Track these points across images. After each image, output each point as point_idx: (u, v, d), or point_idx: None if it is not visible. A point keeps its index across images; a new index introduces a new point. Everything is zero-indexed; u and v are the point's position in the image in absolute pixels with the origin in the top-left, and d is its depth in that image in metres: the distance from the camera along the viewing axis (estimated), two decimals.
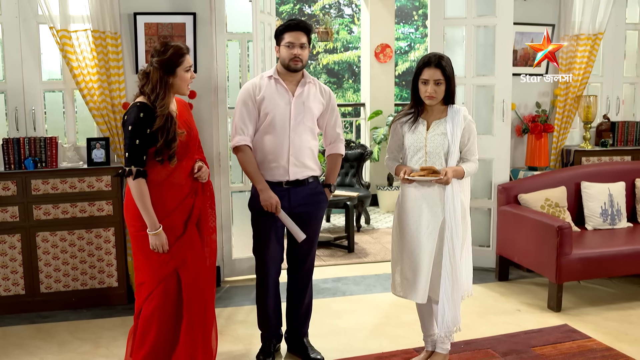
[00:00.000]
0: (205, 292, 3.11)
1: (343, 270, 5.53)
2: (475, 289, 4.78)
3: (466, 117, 3.31)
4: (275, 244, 3.51)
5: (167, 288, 3.05)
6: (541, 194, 4.88)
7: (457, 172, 3.27)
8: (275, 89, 3.41)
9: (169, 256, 3.02)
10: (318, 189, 3.54)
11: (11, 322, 4.25)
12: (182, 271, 3.04)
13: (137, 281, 3.11)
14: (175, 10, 4.66)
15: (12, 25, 4.49)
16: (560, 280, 4.31)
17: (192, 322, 3.05)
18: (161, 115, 2.90)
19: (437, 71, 3.22)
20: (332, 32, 9.44)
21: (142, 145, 2.90)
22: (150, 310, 3.05)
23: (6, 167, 4.33)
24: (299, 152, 3.41)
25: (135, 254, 3.08)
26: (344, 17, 14.33)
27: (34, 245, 4.38)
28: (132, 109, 2.94)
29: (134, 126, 2.88)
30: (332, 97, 3.58)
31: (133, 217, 3.03)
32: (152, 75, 2.95)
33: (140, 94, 3.01)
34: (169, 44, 2.99)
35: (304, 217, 3.50)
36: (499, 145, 5.21)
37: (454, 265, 3.23)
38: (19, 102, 4.54)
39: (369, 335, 4.00)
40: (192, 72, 3.06)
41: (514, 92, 5.36)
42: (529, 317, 4.27)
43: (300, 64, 3.36)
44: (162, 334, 3.05)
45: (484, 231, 5.42)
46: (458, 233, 3.24)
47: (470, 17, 5.15)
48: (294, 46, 3.34)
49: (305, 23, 3.42)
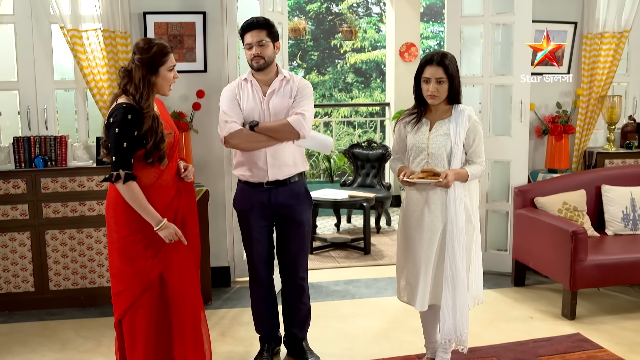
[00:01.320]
0: (192, 294, 3.03)
1: (356, 272, 5.45)
2: (489, 294, 4.70)
3: (471, 117, 3.19)
4: (260, 243, 3.46)
5: (152, 295, 2.93)
6: (559, 197, 4.72)
7: (460, 174, 3.14)
8: (249, 90, 3.37)
9: (156, 261, 2.91)
10: (301, 190, 3.46)
11: (20, 318, 4.29)
12: (167, 275, 2.93)
13: (115, 290, 2.95)
14: (185, 10, 4.65)
15: (25, 25, 4.54)
16: (575, 287, 4.16)
17: (181, 325, 2.99)
18: (149, 117, 2.81)
19: (439, 69, 3.12)
20: (356, 31, 9.35)
21: (129, 148, 2.78)
22: (136, 320, 2.91)
23: (17, 165, 4.37)
24: (276, 152, 3.34)
25: (116, 262, 2.93)
26: (371, 16, 14.21)
27: (43, 243, 4.42)
28: (117, 111, 2.80)
29: (122, 128, 2.76)
30: (302, 88, 3.38)
31: (120, 222, 2.90)
32: (135, 74, 2.83)
33: (122, 93, 2.87)
34: (153, 42, 2.88)
35: (286, 220, 3.45)
36: (516, 146, 5.06)
37: (455, 273, 3.11)
38: (31, 101, 4.59)
39: (372, 340, 3.92)
40: (175, 72, 2.95)
41: (534, 92, 5.21)
42: (541, 324, 4.13)
43: (262, 62, 3.28)
44: (150, 342, 2.94)
45: (502, 235, 5.28)
46: (460, 239, 3.11)
47: (487, 14, 5.02)
48: (252, 46, 3.27)
49: (260, 20, 3.30)
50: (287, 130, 3.27)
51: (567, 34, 5.33)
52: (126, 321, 2.93)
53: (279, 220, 3.46)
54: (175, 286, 2.96)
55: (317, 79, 14.13)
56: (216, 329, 4.11)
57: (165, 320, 2.97)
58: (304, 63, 14.37)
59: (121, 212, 2.87)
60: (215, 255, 4.88)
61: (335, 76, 14.36)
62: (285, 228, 3.47)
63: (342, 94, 14.14)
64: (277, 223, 3.49)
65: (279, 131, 3.27)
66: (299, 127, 3.26)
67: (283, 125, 3.27)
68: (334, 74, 14.38)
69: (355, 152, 7.43)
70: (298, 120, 3.26)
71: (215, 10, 4.71)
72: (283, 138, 3.29)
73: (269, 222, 3.47)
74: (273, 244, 3.56)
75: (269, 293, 3.58)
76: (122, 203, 2.87)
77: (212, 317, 4.31)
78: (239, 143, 3.30)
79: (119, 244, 2.90)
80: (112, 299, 2.96)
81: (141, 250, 2.91)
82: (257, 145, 3.30)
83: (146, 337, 2.92)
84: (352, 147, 7.60)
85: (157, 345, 2.97)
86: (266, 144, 3.30)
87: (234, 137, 3.28)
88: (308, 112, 3.31)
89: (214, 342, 3.85)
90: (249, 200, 3.41)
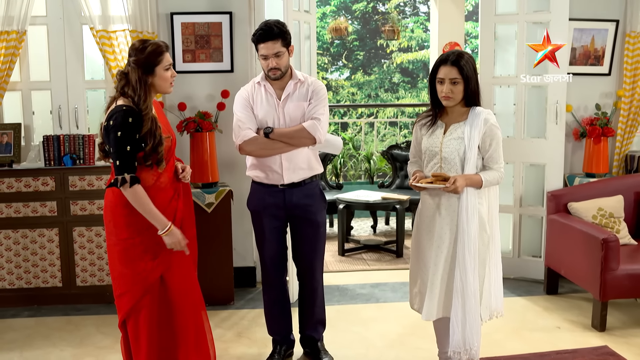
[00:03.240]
0: (193, 295, 3.02)
1: (385, 275, 5.36)
2: (518, 302, 4.55)
3: (487, 120, 3.04)
4: (273, 243, 3.44)
5: (153, 296, 2.93)
6: (594, 203, 4.52)
7: (472, 181, 2.99)
8: (263, 94, 3.33)
9: (155, 263, 2.90)
10: (315, 191, 3.42)
11: (46, 313, 4.40)
12: (168, 276, 2.92)
13: (117, 292, 2.95)
14: (212, 10, 4.67)
15: (57, 26, 4.65)
16: (605, 297, 3.97)
17: (184, 326, 2.98)
18: (147, 118, 2.79)
19: (453, 69, 3.01)
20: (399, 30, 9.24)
21: (132, 151, 2.77)
22: (139, 322, 2.92)
23: (46, 163, 4.48)
24: (291, 156, 3.30)
25: (116, 265, 2.93)
26: (419, 15, 14.02)
27: (70, 240, 4.51)
28: (117, 113, 2.78)
29: (124, 132, 2.74)
30: (317, 91, 3.33)
31: (119, 225, 2.89)
32: (131, 76, 2.82)
33: (120, 95, 2.86)
34: (147, 42, 2.86)
35: (300, 221, 3.41)
36: (552, 149, 4.88)
37: (465, 283, 2.97)
38: (62, 100, 4.70)
39: (388, 346, 3.84)
40: (172, 71, 2.92)
41: (573, 93, 5.02)
42: (568, 335, 3.96)
43: (279, 73, 3.24)
44: (153, 343, 2.94)
45: (536, 241, 5.11)
46: (471, 248, 2.97)
47: (522, 13, 4.86)
48: (268, 58, 3.21)
49: (274, 30, 3.20)
50: (302, 136, 3.23)
51: (608, 33, 5.10)
52: (130, 323, 2.94)
53: (293, 221, 3.43)
54: (176, 288, 2.95)
55: (363, 78, 14.03)
56: (234, 329, 4.11)
57: (168, 322, 2.97)
58: (349, 63, 14.29)
59: (120, 215, 2.86)
60: (240, 256, 4.88)
61: (381, 76, 14.22)
62: (299, 229, 3.43)
63: (388, 94, 13.99)
64: (292, 224, 3.45)
65: (294, 137, 3.24)
66: (314, 131, 3.22)
67: (298, 131, 3.24)
68: (380, 74, 14.25)
69: (393, 154, 7.32)
70: (313, 125, 3.23)
71: (242, 10, 4.71)
72: (299, 144, 3.26)
73: (283, 223, 3.44)
74: (287, 245, 3.53)
75: (281, 295, 3.55)
76: (121, 206, 2.85)
77: (232, 317, 4.31)
78: (254, 150, 3.28)
79: (118, 247, 2.89)
80: (115, 301, 2.97)
81: (140, 253, 2.89)
82: (273, 152, 3.27)
83: (149, 339, 2.93)
84: (390, 148, 7.49)
85: (161, 347, 2.97)
86: (281, 150, 3.27)
87: (249, 144, 3.26)
88: (323, 116, 3.28)
89: (229, 343, 3.88)
90: (262, 200, 3.40)
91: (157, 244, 2.88)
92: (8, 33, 4.43)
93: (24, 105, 4.75)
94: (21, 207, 4.44)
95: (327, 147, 3.47)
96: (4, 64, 4.45)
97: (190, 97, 4.71)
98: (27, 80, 4.74)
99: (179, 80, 4.61)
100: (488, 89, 5.02)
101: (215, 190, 4.49)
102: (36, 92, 4.77)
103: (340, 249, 6.07)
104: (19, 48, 4.49)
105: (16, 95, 4.76)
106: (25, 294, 4.52)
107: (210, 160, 4.52)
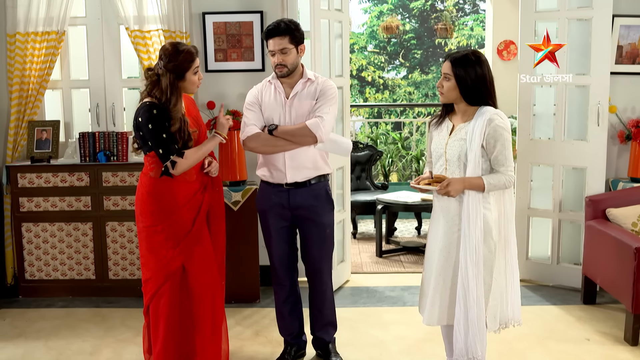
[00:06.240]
0: (213, 288, 3.15)
1: (418, 278, 5.23)
2: (551, 310, 4.38)
3: (492, 120, 2.88)
4: (280, 243, 3.43)
5: (174, 284, 3.11)
6: (635, 210, 4.28)
7: (472, 184, 2.86)
8: (272, 92, 3.33)
9: (177, 251, 3.08)
10: (321, 192, 3.38)
11: (78, 304, 4.56)
12: (189, 266, 3.10)
13: (144, 278, 3.18)
14: (243, 9, 4.70)
15: (95, 27, 4.79)
16: (638, 309, 3.75)
17: (201, 316, 3.09)
18: (177, 119, 2.97)
19: (447, 64, 2.93)
20: (452, 29, 9.05)
21: (169, 136, 2.97)
22: (159, 307, 3.12)
23: (82, 159, 4.63)
24: (295, 154, 3.28)
25: (142, 251, 3.15)
26: (479, 13, 13.69)
27: (104, 234, 4.65)
28: (142, 110, 3.00)
29: (154, 124, 2.95)
30: (325, 90, 3.28)
31: (143, 212, 3.12)
32: (162, 80, 2.98)
33: (147, 95, 3.04)
34: (180, 48, 3.00)
35: (306, 222, 3.38)
36: (593, 152, 4.65)
37: (467, 290, 2.86)
38: (100, 98, 4.85)
39: (403, 350, 3.76)
40: (199, 74, 3.09)
41: (619, 93, 4.78)
42: (596, 348, 3.77)
43: (285, 70, 3.22)
44: (171, 330, 3.11)
45: (576, 247, 4.89)
46: (473, 255, 2.84)
47: (563, 9, 4.65)
48: (274, 54, 3.21)
49: (281, 25, 3.19)
50: (304, 134, 3.20)
51: None
52: (152, 308, 3.13)
53: (299, 222, 3.42)
54: (197, 278, 3.12)
55: (420, 78, 13.83)
56: (253, 327, 4.13)
57: (188, 311, 3.13)
58: (406, 62, 14.12)
59: (146, 204, 3.08)
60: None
61: (439, 75, 13.96)
62: (305, 230, 3.42)
63: None
64: (298, 225, 3.44)
65: (296, 135, 3.22)
66: (315, 129, 3.18)
67: (300, 128, 3.22)
68: (438, 73, 14.00)
69: None
70: (315, 123, 3.19)
71: (274, 10, 4.72)
72: (300, 142, 3.23)
73: (289, 223, 3.43)
74: (296, 246, 3.51)
75: (291, 295, 3.53)
76: (147, 195, 3.08)
77: (254, 316, 4.33)
78: (256, 146, 3.30)
79: (143, 234, 3.12)
80: (142, 287, 3.19)
81: (162, 241, 3.10)
82: (275, 149, 3.27)
83: (167, 325, 3.09)
84: None
85: (180, 334, 3.13)
86: (284, 148, 3.26)
87: (252, 140, 3.28)
88: (328, 114, 3.23)
89: (245, 341, 3.90)
90: (268, 200, 3.40)
91: (179, 234, 3.07)
92: (48, 33, 4.61)
93: (64, 103, 4.93)
94: (57, 202, 4.61)
95: (334, 149, 3.42)
96: (44, 63, 4.63)
97: (222, 96, 4.76)
98: (68, 79, 4.91)
99: (211, 79, 4.74)
100: (528, 89, 4.85)
101: (242, 189, 4.52)
102: (75, 91, 4.93)
103: (378, 250, 6.00)
104: (58, 48, 4.66)
105: (57, 94, 4.95)
106: (60, 285, 4.70)
107: (239, 159, 4.55)
